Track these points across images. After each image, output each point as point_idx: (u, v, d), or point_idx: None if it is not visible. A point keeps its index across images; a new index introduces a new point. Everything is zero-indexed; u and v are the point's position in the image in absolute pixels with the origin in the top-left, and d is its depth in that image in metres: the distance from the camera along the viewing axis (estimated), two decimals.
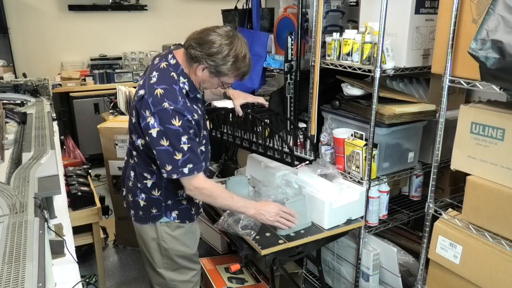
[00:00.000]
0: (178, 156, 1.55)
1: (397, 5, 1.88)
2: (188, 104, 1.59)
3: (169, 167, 1.57)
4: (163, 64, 1.62)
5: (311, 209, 1.93)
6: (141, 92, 1.58)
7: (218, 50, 1.54)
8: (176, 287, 1.85)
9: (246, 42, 1.63)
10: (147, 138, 1.57)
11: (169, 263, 1.82)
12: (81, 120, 4.53)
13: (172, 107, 1.52)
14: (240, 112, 1.93)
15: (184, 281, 1.86)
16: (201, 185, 1.64)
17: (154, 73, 1.60)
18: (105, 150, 3.02)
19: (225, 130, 2.13)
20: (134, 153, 1.73)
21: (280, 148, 1.91)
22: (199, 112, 1.67)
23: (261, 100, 1.99)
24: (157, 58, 1.69)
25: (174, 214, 1.76)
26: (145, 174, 1.72)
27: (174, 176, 1.58)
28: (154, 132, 1.53)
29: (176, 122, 1.52)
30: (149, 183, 1.72)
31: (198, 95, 1.72)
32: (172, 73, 1.60)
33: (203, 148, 1.75)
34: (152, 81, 1.58)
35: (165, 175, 1.59)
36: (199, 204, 1.88)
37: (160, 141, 1.54)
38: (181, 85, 1.60)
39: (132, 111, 1.66)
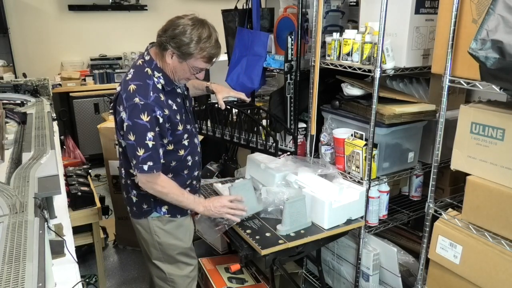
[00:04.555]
0: (140, 152, 1.59)
1: (397, 5, 1.88)
2: (162, 99, 1.63)
3: (134, 161, 1.62)
4: (139, 61, 1.69)
5: (311, 209, 1.93)
6: (118, 88, 1.67)
7: (180, 31, 1.56)
8: (174, 281, 1.88)
9: (215, 29, 1.65)
10: (121, 132, 1.64)
11: (165, 257, 1.85)
12: (81, 120, 4.53)
13: (142, 102, 1.57)
14: (223, 105, 1.95)
15: (182, 276, 1.89)
16: (154, 181, 1.67)
17: (131, 70, 1.67)
18: (105, 150, 3.02)
19: (204, 125, 2.20)
20: (121, 150, 1.78)
21: (263, 140, 1.97)
22: (174, 107, 1.69)
23: (243, 96, 2.03)
24: (137, 57, 1.76)
25: (164, 208, 1.80)
26: (131, 171, 1.76)
27: (136, 171, 1.63)
28: (125, 126, 1.59)
29: (145, 117, 1.57)
30: (136, 179, 1.75)
31: (178, 90, 1.75)
32: (147, 69, 1.65)
33: (185, 143, 1.77)
34: (127, 78, 1.65)
35: (133, 168, 1.65)
36: None
37: (128, 135, 1.59)
38: (156, 79, 1.65)
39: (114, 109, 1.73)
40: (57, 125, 2.81)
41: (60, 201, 1.66)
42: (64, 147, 3.26)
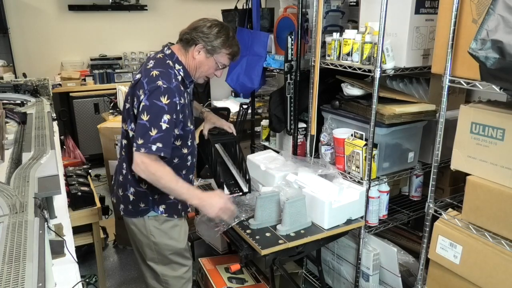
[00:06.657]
0: (153, 132, 1.58)
1: (397, 5, 1.88)
2: (182, 88, 1.69)
3: (140, 141, 1.58)
4: (159, 55, 1.75)
5: (311, 209, 1.93)
6: (138, 76, 1.69)
7: (211, 30, 1.72)
8: (167, 282, 1.88)
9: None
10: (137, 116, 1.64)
11: (160, 258, 1.84)
12: (81, 120, 4.53)
13: (165, 86, 1.61)
14: (205, 135, 2.09)
15: (176, 277, 1.88)
16: (150, 162, 1.60)
17: (151, 61, 1.72)
18: (105, 150, 3.02)
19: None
20: (125, 142, 1.77)
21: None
22: (186, 101, 1.75)
23: (226, 126, 2.10)
24: (153, 54, 1.81)
25: (161, 208, 1.80)
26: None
27: (142, 150, 1.57)
28: (141, 106, 1.60)
29: (164, 100, 1.60)
30: (137, 174, 1.72)
31: (188, 89, 1.80)
32: (168, 61, 1.72)
33: (189, 142, 1.80)
34: (148, 67, 1.69)
35: (134, 149, 1.60)
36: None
37: (141, 115, 1.60)
38: (176, 71, 1.71)
39: (127, 98, 1.74)
40: (57, 125, 2.81)
41: (60, 201, 1.66)
42: (64, 147, 3.26)
